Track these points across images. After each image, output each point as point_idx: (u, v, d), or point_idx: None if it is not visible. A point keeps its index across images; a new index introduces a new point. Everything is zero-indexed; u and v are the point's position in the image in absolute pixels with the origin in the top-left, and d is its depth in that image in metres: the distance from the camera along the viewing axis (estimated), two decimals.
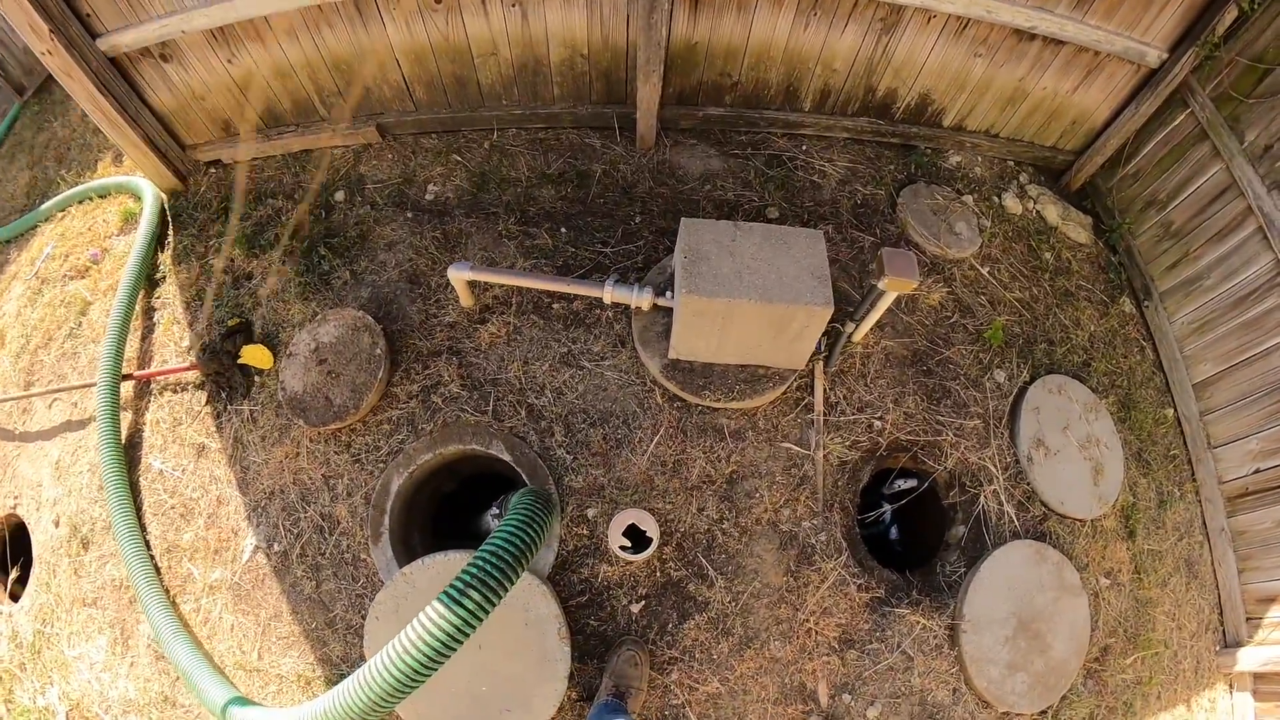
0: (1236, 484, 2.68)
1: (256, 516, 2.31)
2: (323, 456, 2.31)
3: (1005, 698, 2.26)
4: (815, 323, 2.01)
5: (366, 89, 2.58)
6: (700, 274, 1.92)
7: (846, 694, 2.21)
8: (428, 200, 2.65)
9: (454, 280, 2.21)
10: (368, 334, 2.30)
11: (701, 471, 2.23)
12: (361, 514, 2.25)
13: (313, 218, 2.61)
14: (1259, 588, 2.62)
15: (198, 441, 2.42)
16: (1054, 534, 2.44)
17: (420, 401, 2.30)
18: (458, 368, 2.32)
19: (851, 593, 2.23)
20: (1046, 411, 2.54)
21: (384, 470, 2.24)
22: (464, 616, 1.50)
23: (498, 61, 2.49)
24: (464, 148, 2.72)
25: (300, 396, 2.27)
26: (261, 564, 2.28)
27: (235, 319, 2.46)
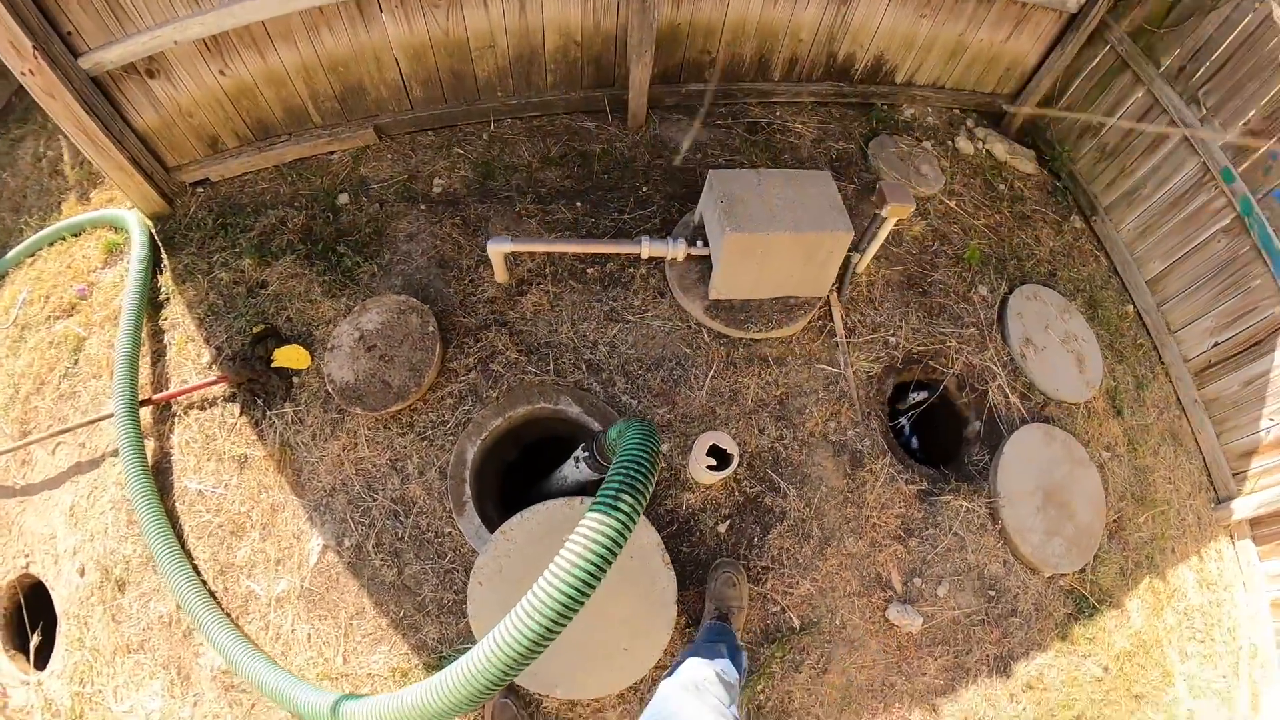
0: (1200, 359, 3.83)
1: (320, 516, 2.74)
2: (385, 441, 2.85)
3: (1048, 560, 3.18)
4: (839, 247, 2.89)
5: (363, 90, 3.24)
6: (739, 214, 2.73)
7: (917, 578, 3.04)
8: (436, 193, 3.36)
9: (493, 254, 2.91)
10: (415, 315, 2.91)
11: (755, 396, 3.04)
12: (439, 489, 2.78)
13: (320, 221, 3.25)
14: (1238, 445, 3.74)
15: (238, 453, 2.86)
16: (1055, 418, 3.46)
17: (480, 372, 2.93)
18: (510, 336, 2.98)
19: (901, 487, 3.10)
20: (1028, 315, 3.61)
21: (455, 441, 2.84)
22: (623, 520, 1.76)
23: (495, 54, 3.26)
24: (463, 141, 3.47)
25: (353, 385, 2.79)
26: (332, 563, 2.69)
27: (260, 325, 2.97)
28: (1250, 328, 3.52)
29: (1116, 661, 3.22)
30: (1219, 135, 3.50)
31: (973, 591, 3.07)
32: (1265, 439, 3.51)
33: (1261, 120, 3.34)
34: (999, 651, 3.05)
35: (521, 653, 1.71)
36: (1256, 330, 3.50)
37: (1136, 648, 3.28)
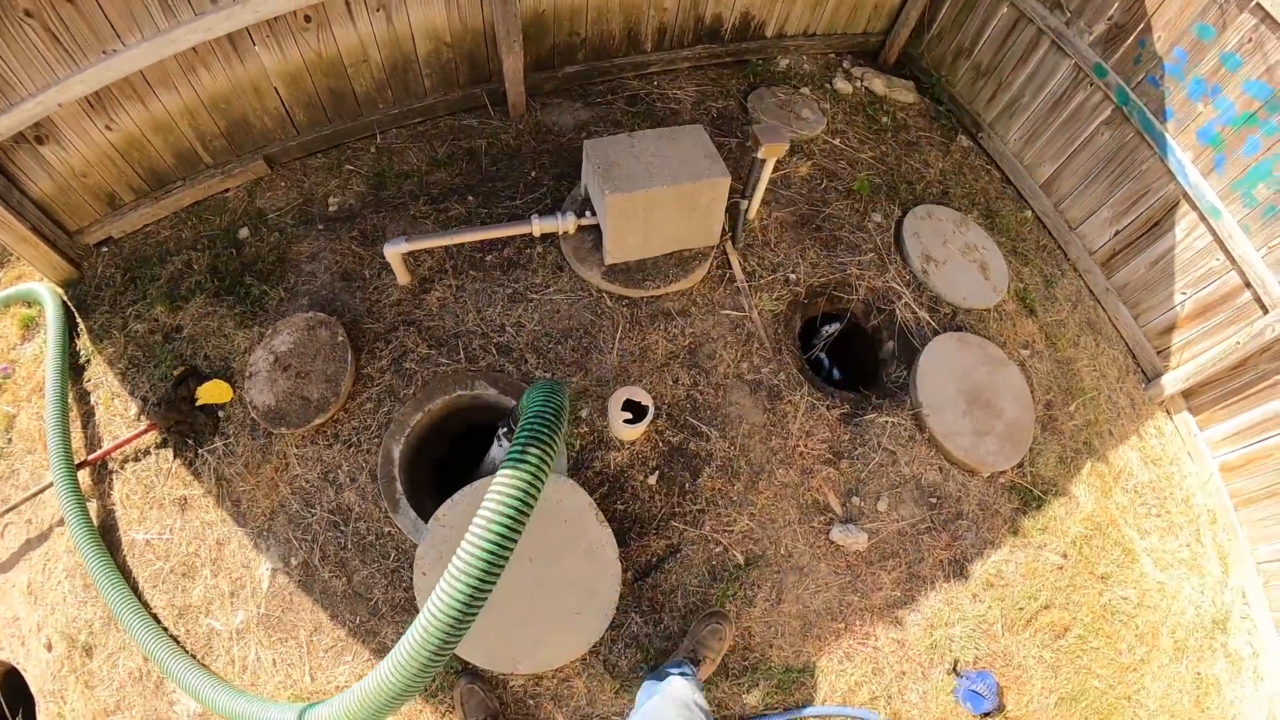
0: (1105, 249, 3.84)
1: (264, 541, 2.72)
2: (314, 456, 2.83)
3: (984, 459, 3.14)
4: (719, 193, 2.91)
5: (248, 123, 3.27)
6: (618, 177, 2.76)
7: (855, 497, 2.99)
8: (332, 211, 3.37)
9: (391, 257, 2.92)
10: (324, 328, 2.92)
11: (665, 350, 3.02)
12: (372, 491, 2.76)
13: (225, 258, 3.25)
14: (1156, 323, 3.71)
15: (177, 496, 2.83)
16: (968, 325, 3.43)
17: (394, 372, 2.92)
18: (419, 334, 2.98)
19: (824, 413, 3.07)
20: (925, 233, 3.62)
21: (380, 443, 2.83)
22: (532, 469, 1.80)
23: (369, 67, 3.30)
24: (352, 157, 3.50)
25: (274, 407, 2.79)
26: (284, 584, 2.67)
27: (179, 368, 2.95)
28: (1147, 210, 3.55)
29: (1074, 547, 3.17)
30: (1085, 34, 3.55)
31: (913, 501, 3.03)
32: (1181, 312, 3.51)
33: (1124, 12, 3.40)
34: (951, 555, 3.00)
35: (456, 616, 1.73)
36: (1153, 211, 3.53)
37: (1092, 530, 3.23)
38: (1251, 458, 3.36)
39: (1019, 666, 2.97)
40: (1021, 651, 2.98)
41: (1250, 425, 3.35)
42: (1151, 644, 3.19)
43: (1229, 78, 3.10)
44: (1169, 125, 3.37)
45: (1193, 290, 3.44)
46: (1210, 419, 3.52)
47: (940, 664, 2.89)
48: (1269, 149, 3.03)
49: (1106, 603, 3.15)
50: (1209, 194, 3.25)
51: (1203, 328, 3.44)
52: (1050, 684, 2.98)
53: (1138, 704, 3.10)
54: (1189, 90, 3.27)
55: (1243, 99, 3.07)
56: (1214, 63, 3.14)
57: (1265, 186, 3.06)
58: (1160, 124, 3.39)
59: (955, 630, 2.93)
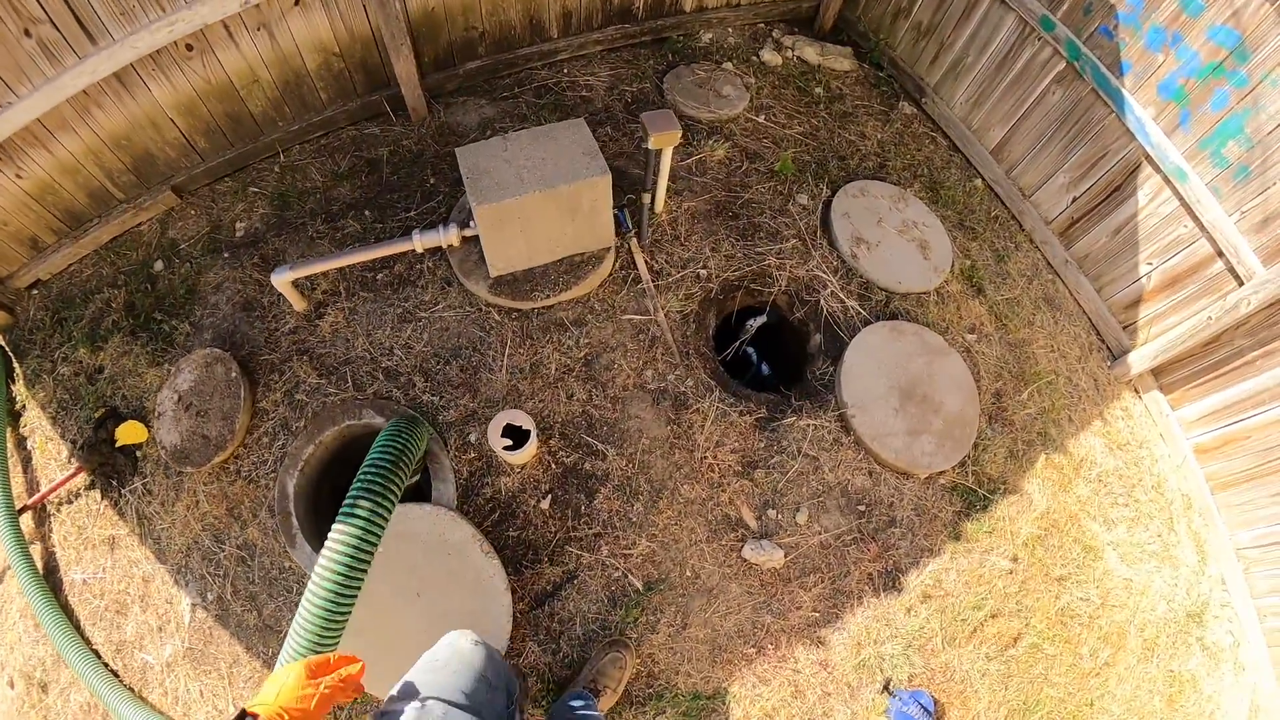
0: (1063, 217, 3.43)
1: (183, 577, 2.71)
2: (220, 493, 2.75)
3: (919, 460, 2.82)
4: (600, 192, 2.66)
5: (152, 156, 3.16)
6: (486, 186, 2.53)
7: (770, 509, 2.73)
8: (239, 237, 3.23)
9: (279, 286, 2.74)
10: (220, 364, 2.80)
11: (559, 364, 2.78)
12: (272, 526, 2.67)
13: (140, 294, 3.14)
14: (1121, 296, 3.32)
15: (106, 536, 2.82)
16: (904, 311, 3.09)
17: (286, 405, 2.78)
18: (310, 363, 2.83)
19: (735, 419, 2.79)
20: (856, 213, 3.26)
21: (276, 477, 2.71)
22: (362, 525, 1.89)
23: (262, 87, 3.13)
24: (257, 179, 3.34)
25: (180, 446, 2.73)
26: (203, 619, 2.66)
27: (100, 410, 2.93)
28: (1106, 173, 3.17)
29: (1026, 549, 2.85)
30: None
31: (839, 511, 2.74)
32: (1148, 285, 3.12)
33: None
34: (882, 567, 2.72)
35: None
36: (1113, 175, 3.14)
37: (1046, 530, 2.90)
38: (1229, 439, 2.97)
39: (962, 681, 2.68)
40: (965, 665, 2.69)
41: (1227, 405, 2.95)
42: (1117, 645, 2.86)
43: (1191, 24, 2.70)
44: (1125, 80, 2.97)
45: (1159, 260, 3.04)
46: (1183, 398, 3.12)
47: (871, 684, 2.63)
48: (1239, 102, 2.62)
49: (1064, 606, 2.83)
50: (1173, 154, 2.85)
51: (1171, 300, 3.04)
52: (999, 696, 2.69)
53: (1101, 710, 2.79)
54: (1147, 40, 2.87)
55: (1208, 47, 2.66)
56: (1174, 8, 2.74)
57: (1236, 145, 2.65)
58: (1116, 79, 2.99)
59: (887, 647, 2.66)
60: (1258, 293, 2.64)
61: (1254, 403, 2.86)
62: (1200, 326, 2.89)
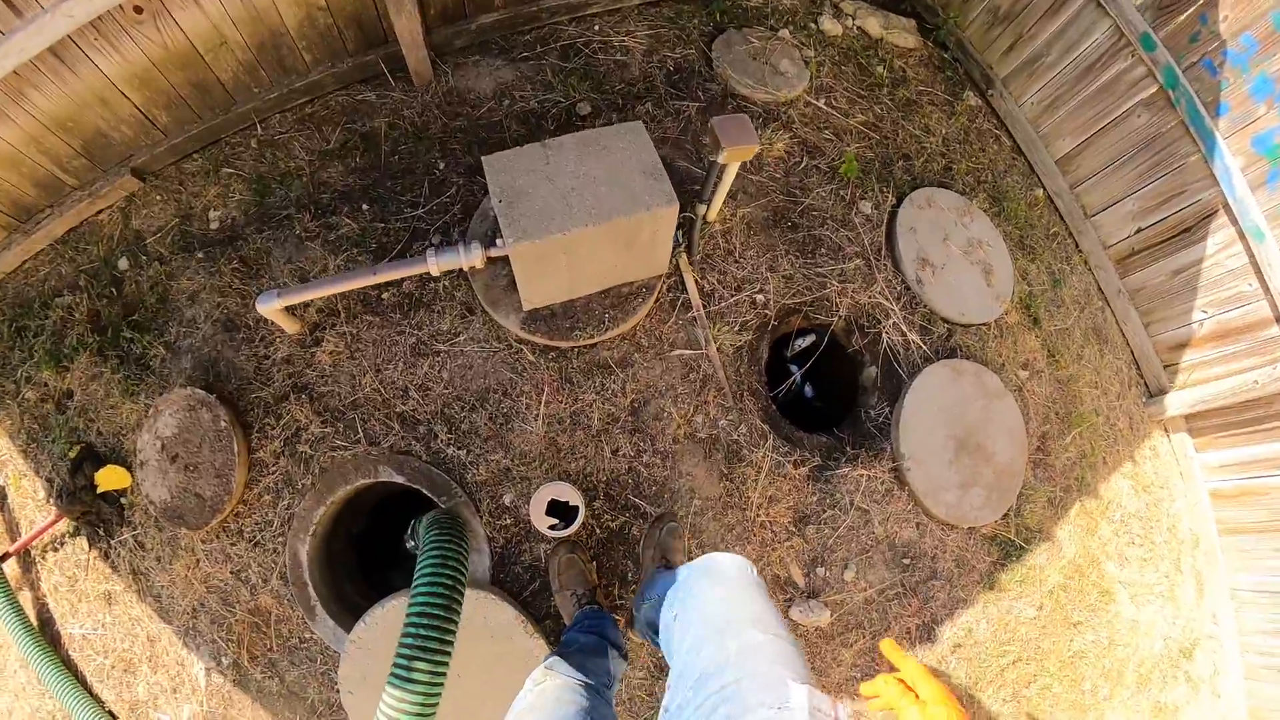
0: (1122, 245, 3.12)
1: (192, 640, 2.36)
2: (222, 554, 2.32)
3: (966, 515, 2.62)
4: (665, 224, 2.11)
5: (105, 136, 2.41)
6: (523, 215, 1.94)
7: (820, 567, 2.49)
8: (214, 230, 2.54)
9: (267, 314, 2.16)
10: (205, 410, 2.26)
11: (602, 414, 2.36)
12: (286, 595, 2.28)
13: (105, 300, 2.47)
14: (1168, 336, 3.10)
15: (102, 590, 2.40)
16: (964, 346, 2.78)
17: (288, 457, 2.30)
18: (310, 405, 2.32)
19: (790, 471, 2.48)
20: (922, 228, 2.84)
21: (286, 543, 2.27)
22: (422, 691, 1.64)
23: (231, 50, 2.36)
24: (232, 156, 2.60)
25: (170, 504, 2.26)
26: (219, 683, 2.34)
27: (74, 448, 2.37)
28: (1178, 212, 2.85)
29: (1050, 596, 2.75)
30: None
31: (884, 565, 2.53)
32: (1198, 331, 2.87)
33: None
34: (920, 620, 2.57)
35: None
36: (1185, 216, 2.82)
37: (1070, 576, 2.80)
38: (1247, 490, 2.89)
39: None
40: (984, 708, 2.63)
41: (1252, 460, 2.85)
42: (1116, 681, 2.87)
43: None
44: (1220, 123, 2.60)
45: (1216, 311, 2.79)
46: (1210, 444, 3.00)
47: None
48: None
49: (1077, 650, 2.78)
50: (1254, 211, 2.56)
51: (1220, 352, 2.83)
52: None
53: None
54: (1252, 87, 2.49)
55: None
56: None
57: None
58: (1211, 119, 2.62)
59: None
60: None
61: (1277, 465, 2.75)
62: (1244, 388, 2.72)
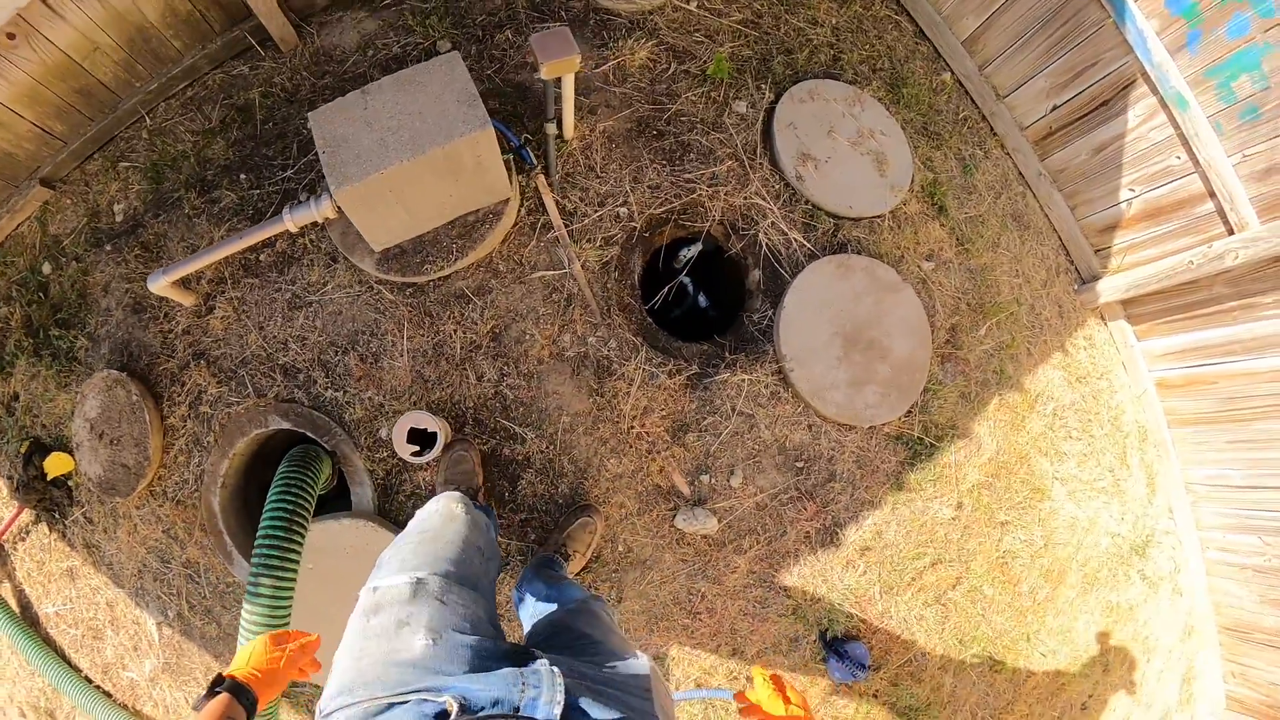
0: (1039, 125, 2.68)
1: (142, 599, 2.45)
2: (153, 516, 2.38)
3: (862, 414, 2.32)
4: (484, 147, 1.95)
5: (9, 155, 2.44)
6: (343, 161, 1.84)
7: (704, 474, 2.28)
8: (119, 222, 2.56)
9: (159, 292, 2.18)
10: (120, 387, 2.31)
11: (463, 342, 2.24)
12: (208, 545, 2.32)
13: (35, 304, 2.54)
14: (1096, 218, 2.66)
15: (65, 567, 2.52)
16: (854, 241, 2.45)
17: (193, 419, 2.31)
18: (207, 368, 2.32)
19: (665, 382, 2.26)
20: (803, 123, 2.49)
21: (201, 496, 2.30)
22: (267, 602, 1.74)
23: (105, 53, 2.33)
24: (127, 150, 2.58)
25: (104, 477, 2.34)
26: (170, 635, 2.44)
27: (24, 443, 2.49)
28: (1094, 85, 2.44)
29: (971, 494, 2.43)
30: None
31: (775, 469, 2.28)
32: (1127, 211, 2.46)
33: None
34: (820, 524, 2.32)
35: None
36: (1101, 88, 2.42)
37: (993, 474, 2.47)
38: (1195, 379, 2.46)
39: (900, 626, 2.37)
40: (903, 611, 2.39)
41: (1197, 346, 2.43)
42: (1057, 581, 2.54)
43: None
44: None
45: (1143, 188, 2.38)
46: (1151, 330, 2.57)
47: (808, 636, 2.30)
48: (1262, 34, 1.94)
49: (1006, 549, 2.47)
50: (1175, 78, 2.16)
51: (1152, 232, 2.42)
52: (936, 637, 2.40)
53: (1037, 643, 2.48)
54: None
55: None
56: None
57: (1250, 81, 2.01)
58: None
59: (824, 602, 2.29)
60: (1248, 248, 2.07)
61: (1225, 351, 2.33)
62: (1179, 269, 2.31)
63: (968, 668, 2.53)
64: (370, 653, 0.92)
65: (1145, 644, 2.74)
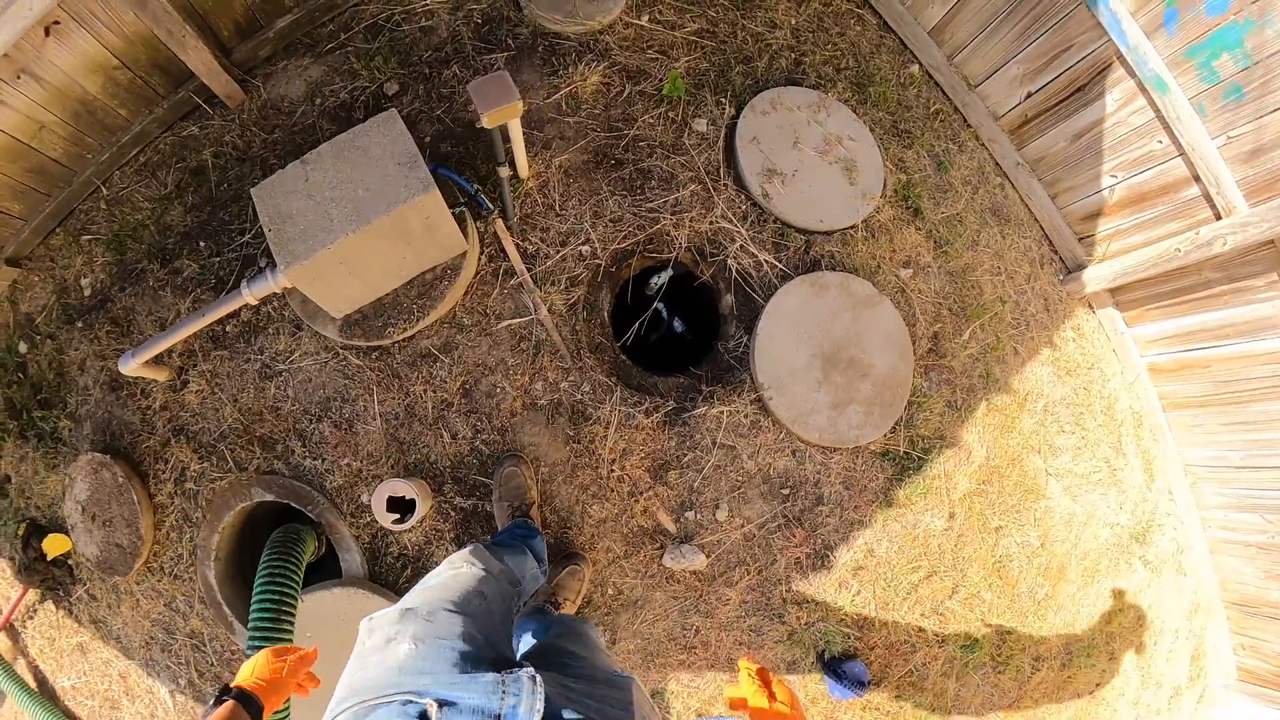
0: (1014, 114, 2.51)
1: (152, 669, 2.43)
2: (153, 591, 2.35)
3: (846, 436, 2.21)
4: (431, 208, 1.84)
5: None
6: (289, 239, 1.75)
7: (689, 511, 2.20)
8: (88, 296, 2.47)
9: (132, 374, 2.10)
10: (105, 470, 2.26)
11: (435, 401, 2.15)
12: (210, 616, 2.29)
13: (15, 385, 2.46)
14: (1078, 206, 2.50)
15: (75, 643, 2.49)
16: (828, 256, 2.31)
17: (180, 495, 2.26)
18: (188, 445, 2.25)
19: (641, 421, 2.16)
20: (767, 135, 2.33)
21: (196, 569, 2.26)
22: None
23: (51, 130, 2.21)
24: (87, 223, 2.47)
25: (101, 558, 2.31)
26: (184, 702, 2.43)
27: (21, 525, 2.45)
28: (1069, 70, 2.26)
29: (963, 503, 2.34)
30: None
31: (761, 498, 2.20)
32: (1110, 198, 2.30)
33: None
34: (811, 549, 2.24)
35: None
36: (1076, 73, 2.24)
37: (985, 481, 2.36)
38: (1187, 364, 2.32)
39: (899, 639, 2.28)
40: (901, 625, 2.29)
41: (1188, 331, 2.29)
42: (1057, 578, 2.45)
43: None
44: None
45: (1125, 174, 2.22)
46: (1141, 317, 2.43)
47: (805, 659, 2.23)
48: (1242, 10, 1.75)
49: (1002, 554, 2.35)
50: (1153, 60, 1.99)
51: (1136, 219, 2.26)
52: (935, 647, 2.31)
53: (1040, 640, 2.41)
54: None
55: None
56: None
57: (1232, 60, 1.83)
58: None
59: (820, 625, 2.22)
60: (1236, 234, 1.92)
61: (1216, 335, 2.19)
62: (1166, 256, 2.16)
63: (970, 671, 2.46)
64: (362, 667, 0.96)
65: (1152, 627, 2.66)
